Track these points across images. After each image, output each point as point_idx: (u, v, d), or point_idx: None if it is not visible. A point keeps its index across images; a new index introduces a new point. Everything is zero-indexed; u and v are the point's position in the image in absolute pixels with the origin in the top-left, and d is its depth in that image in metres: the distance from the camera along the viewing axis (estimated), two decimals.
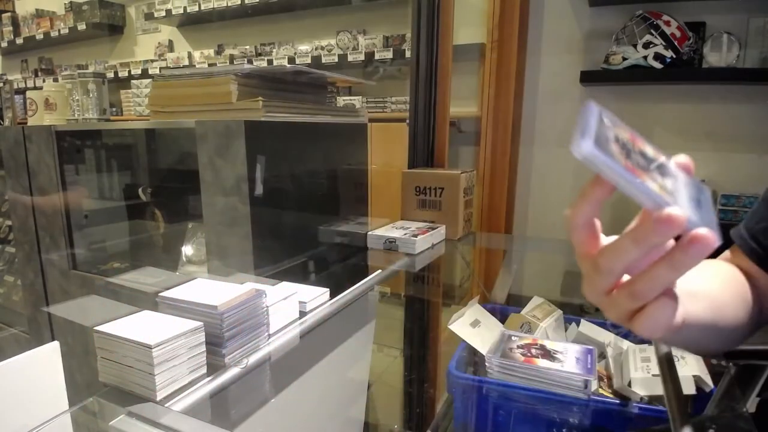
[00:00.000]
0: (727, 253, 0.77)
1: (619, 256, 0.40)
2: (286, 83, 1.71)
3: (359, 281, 1.36)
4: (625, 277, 0.44)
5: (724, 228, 0.53)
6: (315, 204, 1.79)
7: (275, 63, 3.76)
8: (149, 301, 1.16)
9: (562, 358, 1.18)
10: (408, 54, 3.07)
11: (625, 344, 1.30)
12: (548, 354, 1.20)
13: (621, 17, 2.05)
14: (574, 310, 1.54)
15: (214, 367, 1.03)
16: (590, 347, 1.21)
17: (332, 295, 1.37)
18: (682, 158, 0.43)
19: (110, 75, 3.36)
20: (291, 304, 1.28)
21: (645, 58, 1.97)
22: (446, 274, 1.97)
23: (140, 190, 2.46)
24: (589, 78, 2.10)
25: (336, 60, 3.71)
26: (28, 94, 2.96)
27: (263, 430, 1.05)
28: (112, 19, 3.56)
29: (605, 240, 0.44)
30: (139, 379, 0.93)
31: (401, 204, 2.07)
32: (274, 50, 3.85)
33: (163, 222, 2.43)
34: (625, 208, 2.24)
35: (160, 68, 3.28)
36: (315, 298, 1.34)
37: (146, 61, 3.43)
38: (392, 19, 3.69)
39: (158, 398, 0.91)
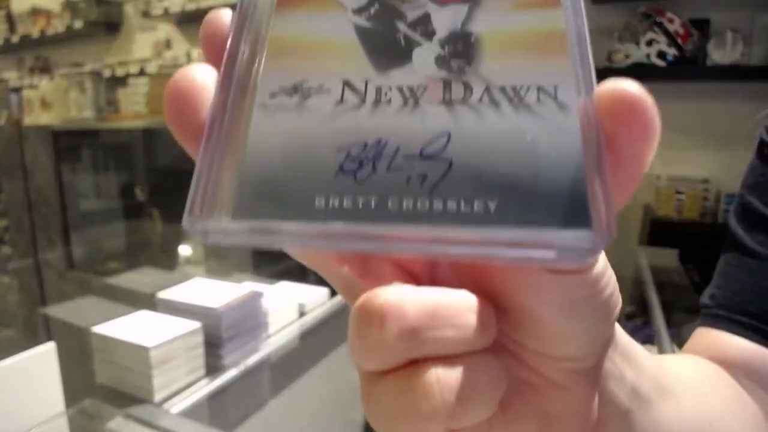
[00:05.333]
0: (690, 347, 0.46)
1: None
2: None
3: None
4: None
5: (724, 228, 0.49)
6: None
7: None
8: (147, 301, 1.15)
9: None
10: None
11: None
12: None
13: (624, 14, 2.04)
14: None
15: (212, 369, 1.02)
16: None
17: (332, 295, 1.36)
18: None
19: (107, 73, 3.34)
20: (290, 305, 1.26)
21: (648, 56, 1.96)
22: None
23: (137, 189, 2.45)
24: None
25: None
26: (24, 92, 2.95)
27: None
28: (109, 17, 3.54)
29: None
30: (137, 381, 0.92)
31: None
32: None
33: (161, 222, 2.41)
34: (626, 207, 2.23)
35: (158, 66, 3.26)
36: (314, 298, 1.33)
37: (144, 60, 3.42)
38: None
39: (156, 400, 0.90)
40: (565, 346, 0.20)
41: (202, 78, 0.19)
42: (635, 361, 0.25)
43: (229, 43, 0.20)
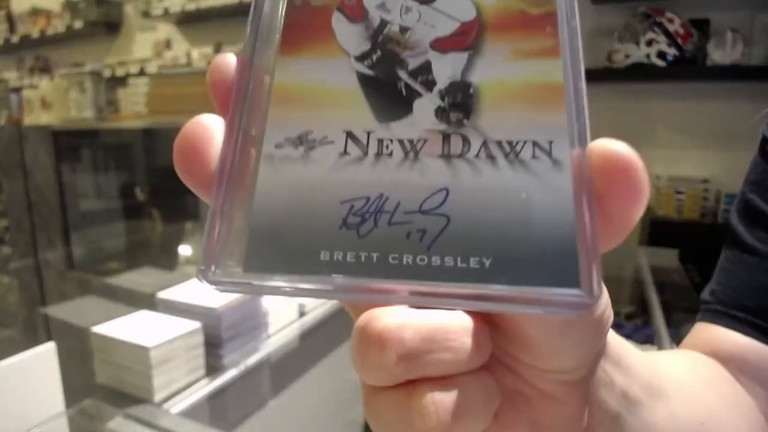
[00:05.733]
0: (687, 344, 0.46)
1: None
2: None
3: None
4: None
5: (724, 228, 0.49)
6: None
7: None
8: (147, 301, 1.15)
9: None
10: None
11: None
12: None
13: (623, 14, 2.04)
14: None
15: (212, 369, 1.02)
16: None
17: None
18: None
19: (107, 73, 3.34)
20: (290, 305, 1.26)
21: (648, 56, 1.96)
22: None
23: (137, 189, 2.45)
24: (591, 76, 2.06)
25: None
26: (24, 92, 2.95)
27: None
28: (109, 17, 3.54)
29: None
30: (137, 381, 0.92)
31: None
32: None
33: (161, 222, 2.41)
34: None
35: (158, 67, 3.26)
36: None
37: (144, 60, 3.42)
38: None
39: (156, 400, 0.90)
40: (558, 360, 0.21)
41: (211, 128, 0.19)
42: (626, 366, 0.26)
43: (234, 90, 0.20)
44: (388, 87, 0.20)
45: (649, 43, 1.95)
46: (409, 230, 0.17)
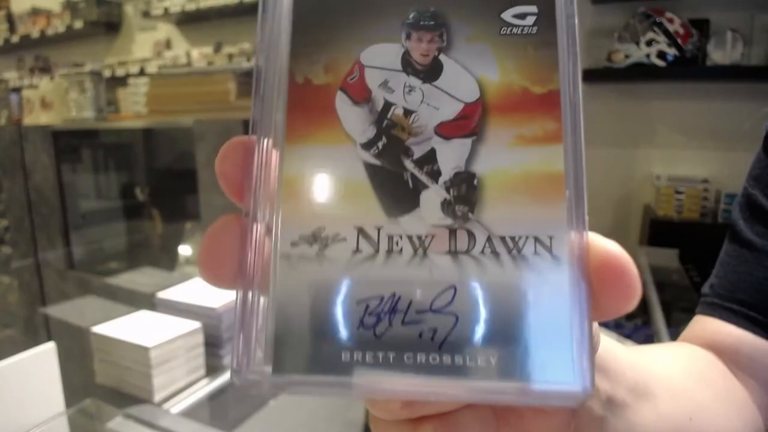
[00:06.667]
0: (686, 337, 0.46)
1: None
2: None
3: None
4: None
5: (724, 228, 0.49)
6: None
7: None
8: (147, 301, 1.15)
9: None
10: None
11: (628, 344, 1.29)
12: None
13: (623, 15, 2.04)
14: None
15: (212, 369, 1.02)
16: None
17: None
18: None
19: (107, 73, 3.34)
20: None
21: (648, 56, 1.96)
22: None
23: (137, 189, 2.45)
24: (591, 76, 2.09)
25: None
26: (24, 92, 2.94)
27: None
28: (109, 17, 3.54)
29: None
30: (137, 381, 0.92)
31: None
32: None
33: (161, 222, 2.41)
34: (626, 207, 2.24)
35: (158, 66, 3.27)
36: None
37: (144, 60, 3.42)
38: None
39: (156, 400, 0.90)
40: (548, 428, 0.24)
41: (231, 231, 0.20)
42: (613, 372, 0.27)
43: (246, 184, 0.20)
44: (394, 178, 0.21)
45: (649, 43, 1.95)
46: (422, 330, 0.19)
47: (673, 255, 1.84)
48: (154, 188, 2.42)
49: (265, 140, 0.21)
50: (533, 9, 0.21)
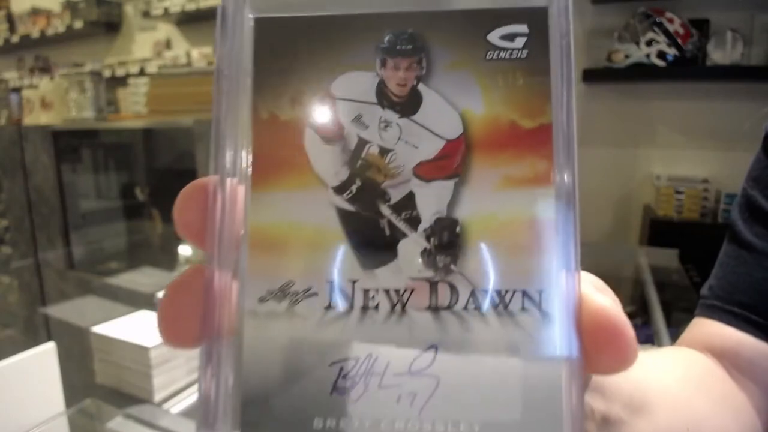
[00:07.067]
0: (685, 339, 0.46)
1: None
2: None
3: None
4: None
5: (724, 228, 0.49)
6: None
7: None
8: (147, 301, 1.15)
9: None
10: None
11: None
12: None
13: (623, 15, 2.04)
14: None
15: None
16: None
17: None
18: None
19: (107, 73, 3.34)
20: None
21: (648, 56, 1.96)
22: None
23: (137, 189, 2.45)
24: (591, 76, 2.09)
25: None
26: (24, 92, 2.94)
27: None
28: (109, 17, 3.54)
29: None
30: (137, 381, 0.92)
31: None
32: None
33: (161, 222, 2.41)
34: (626, 207, 2.24)
35: (158, 66, 3.27)
36: None
37: (144, 60, 3.42)
38: None
39: (156, 400, 0.90)
40: None
41: (193, 286, 0.18)
42: (608, 390, 0.26)
43: (208, 235, 0.18)
44: (370, 225, 0.19)
45: (649, 43, 1.95)
46: (400, 394, 0.17)
47: (673, 255, 1.84)
48: (154, 188, 2.42)
49: (229, 181, 0.19)
50: (523, 28, 0.19)
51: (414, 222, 0.19)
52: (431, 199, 0.19)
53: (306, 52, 0.19)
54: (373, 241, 0.19)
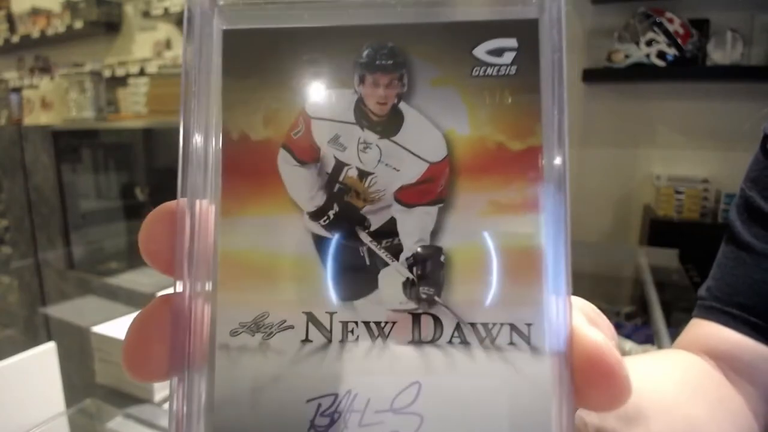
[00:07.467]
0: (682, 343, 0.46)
1: None
2: None
3: None
4: None
5: (724, 228, 0.49)
6: None
7: None
8: (147, 301, 1.15)
9: None
10: None
11: (628, 345, 1.29)
12: None
13: (623, 14, 2.04)
14: None
15: None
16: None
17: None
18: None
19: (107, 73, 3.34)
20: None
21: (648, 56, 1.96)
22: None
23: (137, 189, 2.45)
24: (591, 76, 2.09)
25: None
26: (24, 92, 2.94)
27: None
28: (109, 17, 3.54)
29: None
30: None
31: None
32: None
33: None
34: (626, 207, 2.24)
35: (158, 66, 3.26)
36: None
37: (144, 60, 3.42)
38: None
39: (156, 400, 0.90)
40: None
41: (161, 319, 0.17)
42: None
43: (177, 263, 0.17)
44: (348, 254, 0.17)
45: (649, 43, 1.95)
46: None
47: (673, 255, 1.84)
48: (154, 188, 2.42)
49: (198, 205, 0.18)
50: (512, 42, 0.17)
51: (395, 250, 0.17)
52: (414, 226, 0.17)
53: (279, 67, 0.18)
54: (352, 271, 0.17)
